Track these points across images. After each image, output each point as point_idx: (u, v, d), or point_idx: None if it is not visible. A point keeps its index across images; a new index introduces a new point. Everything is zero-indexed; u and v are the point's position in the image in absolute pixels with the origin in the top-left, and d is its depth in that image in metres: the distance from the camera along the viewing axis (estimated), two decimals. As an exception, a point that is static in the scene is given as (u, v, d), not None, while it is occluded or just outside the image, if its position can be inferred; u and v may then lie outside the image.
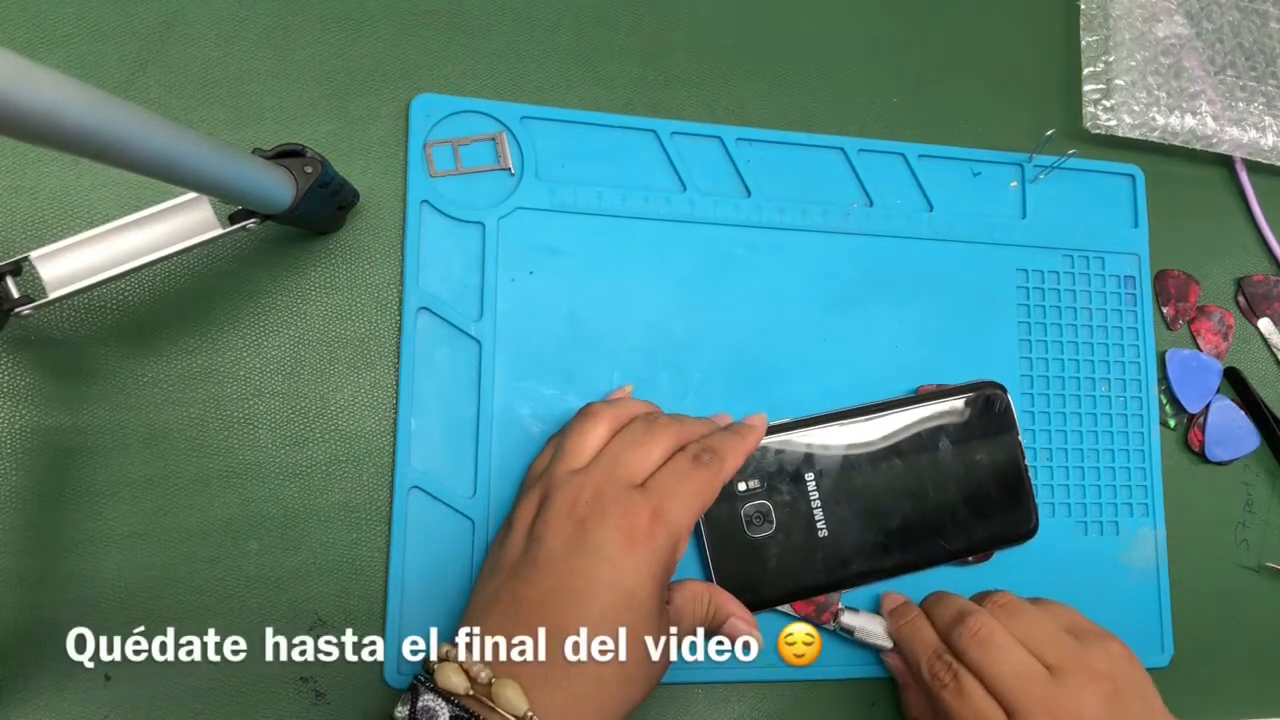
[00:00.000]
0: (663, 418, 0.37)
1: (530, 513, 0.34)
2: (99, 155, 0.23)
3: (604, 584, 0.31)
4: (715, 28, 0.47)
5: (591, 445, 0.36)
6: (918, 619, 0.39)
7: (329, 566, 0.38)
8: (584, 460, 0.35)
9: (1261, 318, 0.50)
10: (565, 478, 0.34)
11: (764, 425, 0.40)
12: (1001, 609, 0.37)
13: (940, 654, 0.37)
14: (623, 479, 0.34)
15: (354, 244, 0.41)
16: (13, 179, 0.39)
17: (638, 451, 0.35)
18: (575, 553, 0.32)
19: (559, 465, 0.35)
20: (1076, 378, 0.46)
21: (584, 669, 0.31)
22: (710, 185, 0.44)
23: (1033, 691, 0.34)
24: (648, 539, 0.32)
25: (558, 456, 0.36)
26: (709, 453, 0.36)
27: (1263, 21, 0.53)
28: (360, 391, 0.40)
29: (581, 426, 0.36)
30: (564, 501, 0.33)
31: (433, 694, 0.30)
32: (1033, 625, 0.37)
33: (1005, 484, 0.42)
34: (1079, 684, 0.35)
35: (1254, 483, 0.49)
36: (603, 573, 0.32)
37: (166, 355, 0.39)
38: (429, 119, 0.42)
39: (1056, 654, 0.35)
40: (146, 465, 0.38)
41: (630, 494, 0.33)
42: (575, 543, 0.32)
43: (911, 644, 0.38)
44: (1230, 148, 0.50)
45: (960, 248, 0.46)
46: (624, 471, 0.34)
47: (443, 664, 0.31)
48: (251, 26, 0.42)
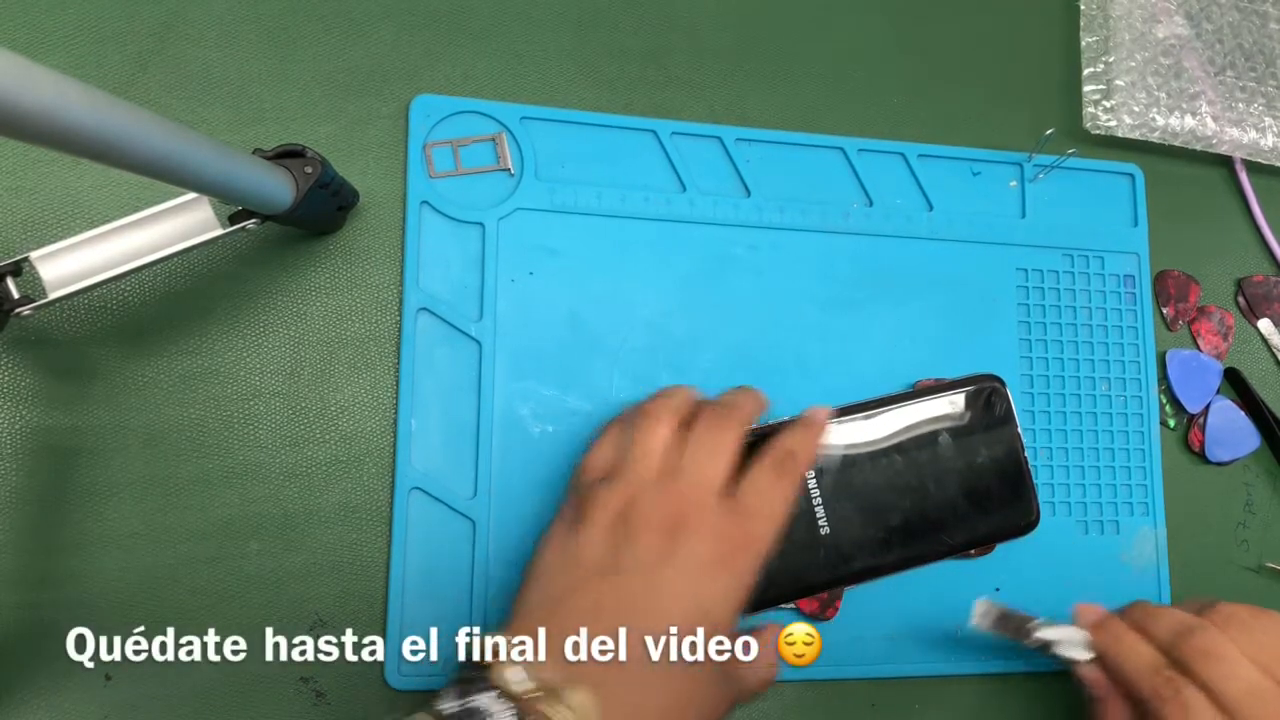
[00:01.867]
0: (722, 412, 0.36)
1: (609, 513, 0.33)
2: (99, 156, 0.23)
3: (688, 600, 0.31)
4: (715, 28, 0.47)
5: (659, 446, 0.35)
6: (1129, 633, 0.38)
7: (329, 567, 0.38)
8: (656, 461, 0.34)
9: (1261, 318, 0.50)
10: (648, 484, 0.34)
11: (826, 418, 0.39)
12: (1229, 622, 0.36)
13: (1161, 669, 0.36)
14: (708, 489, 0.34)
15: (354, 245, 0.41)
16: (13, 179, 0.39)
17: (716, 458, 0.35)
18: (665, 566, 0.32)
19: (635, 467, 0.34)
20: (1076, 377, 0.46)
21: (656, 679, 0.30)
22: (710, 185, 0.44)
23: (1268, 711, 0.33)
24: (736, 563, 0.33)
25: (628, 459, 0.35)
26: (789, 458, 0.36)
27: (1263, 22, 0.53)
28: (360, 392, 0.40)
29: (647, 425, 0.35)
30: (652, 511, 0.33)
31: (489, 694, 0.28)
32: (1264, 642, 0.35)
33: (1006, 477, 0.42)
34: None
35: (1254, 483, 0.49)
36: (688, 589, 0.31)
37: (166, 355, 0.39)
38: (429, 119, 0.42)
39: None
40: (146, 465, 0.38)
41: (720, 513, 0.33)
42: (666, 556, 0.32)
43: (1126, 659, 0.37)
44: (1230, 148, 0.50)
45: (960, 247, 0.46)
46: (708, 481, 0.34)
47: (499, 665, 0.29)
48: (252, 27, 0.42)
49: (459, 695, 0.29)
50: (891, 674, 0.42)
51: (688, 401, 0.37)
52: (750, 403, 0.38)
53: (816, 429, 0.38)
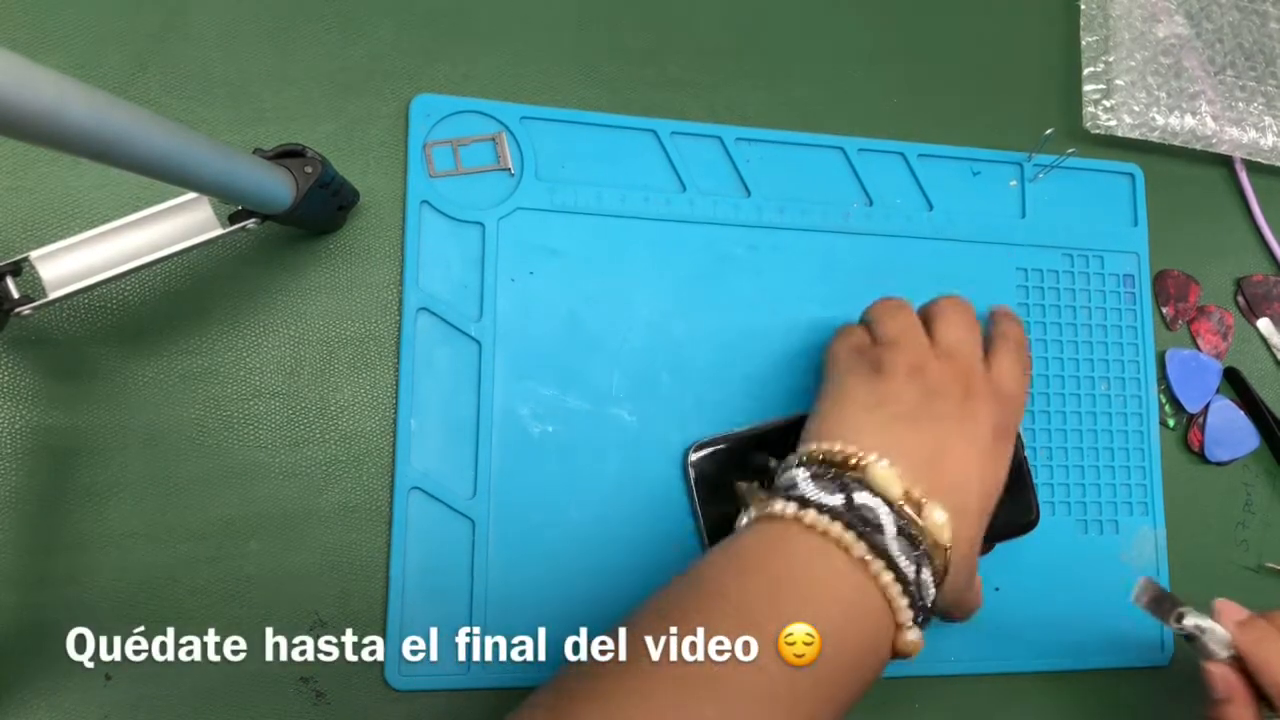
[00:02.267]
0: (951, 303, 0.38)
1: (905, 369, 0.34)
2: (99, 155, 0.23)
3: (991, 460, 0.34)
4: (715, 28, 0.47)
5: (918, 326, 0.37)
6: (1277, 637, 0.36)
7: (329, 566, 0.38)
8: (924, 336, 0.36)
9: (1261, 318, 0.50)
10: (930, 353, 0.35)
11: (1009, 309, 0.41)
12: None
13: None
14: (977, 361, 0.36)
15: (354, 244, 0.41)
16: (13, 179, 0.39)
17: (969, 336, 0.37)
18: (967, 423, 0.33)
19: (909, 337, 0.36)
20: (1076, 377, 0.46)
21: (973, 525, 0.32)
22: (710, 185, 0.44)
23: None
24: (1004, 448, 0.35)
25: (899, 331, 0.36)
26: (1021, 346, 0.38)
27: (1263, 21, 0.53)
28: (360, 392, 0.40)
29: (892, 312, 0.37)
30: (943, 373, 0.34)
31: (869, 493, 0.30)
32: None
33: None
34: None
35: (1254, 483, 0.49)
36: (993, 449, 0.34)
37: (166, 355, 0.39)
38: (429, 119, 0.42)
39: None
40: (146, 465, 0.38)
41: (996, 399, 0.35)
42: (964, 413, 0.34)
43: (1271, 663, 0.36)
44: (1230, 148, 0.50)
45: (960, 247, 0.46)
46: (975, 355, 0.36)
47: (872, 465, 0.31)
48: (252, 27, 0.42)
49: (838, 489, 0.30)
50: (892, 674, 0.42)
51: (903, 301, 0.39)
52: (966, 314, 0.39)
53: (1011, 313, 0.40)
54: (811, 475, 0.31)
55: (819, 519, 0.29)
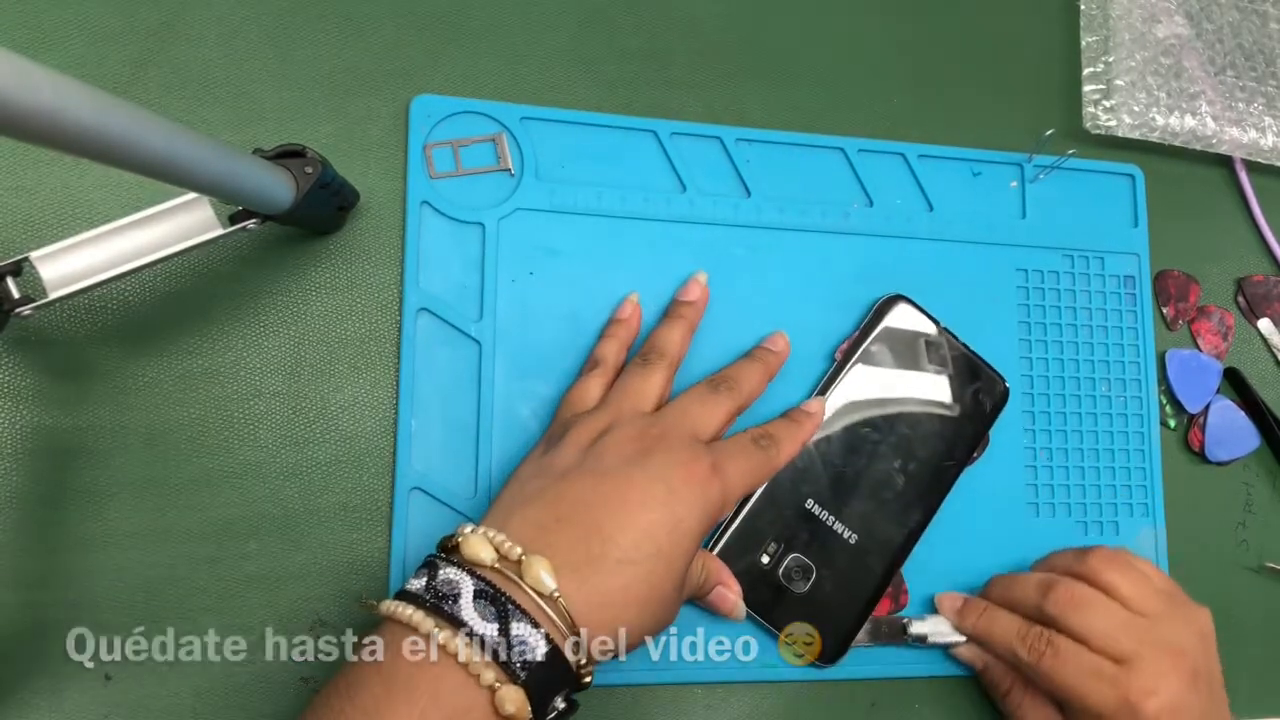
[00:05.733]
0: (722, 385, 0.38)
1: (588, 435, 0.35)
2: (100, 155, 0.23)
3: (657, 503, 0.32)
4: (715, 28, 0.47)
5: (654, 392, 0.37)
6: (990, 608, 0.40)
7: (329, 566, 0.38)
8: (648, 404, 0.37)
9: (1261, 318, 0.50)
10: (633, 416, 0.35)
11: (821, 411, 0.41)
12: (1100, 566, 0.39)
13: (1026, 630, 0.38)
14: (689, 430, 0.36)
15: (354, 245, 0.41)
16: (13, 179, 0.39)
17: (706, 410, 0.37)
18: (635, 469, 0.33)
19: (624, 402, 0.36)
20: (1076, 378, 0.46)
21: (615, 572, 0.31)
22: (710, 185, 0.44)
23: (1137, 635, 0.37)
24: (706, 486, 0.34)
25: (620, 394, 0.37)
26: (768, 439, 0.38)
27: (1263, 22, 0.53)
28: (360, 392, 0.40)
29: (644, 373, 0.38)
30: (631, 431, 0.34)
31: (455, 567, 0.30)
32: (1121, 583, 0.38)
33: (960, 372, 0.43)
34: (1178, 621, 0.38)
35: (1254, 483, 0.49)
36: (658, 492, 0.32)
37: (167, 355, 0.39)
38: (429, 120, 0.42)
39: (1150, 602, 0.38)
40: (146, 465, 0.38)
41: (695, 444, 0.35)
42: (638, 463, 0.33)
43: (993, 631, 0.40)
44: (1230, 148, 0.50)
45: (960, 248, 0.46)
46: (690, 425, 0.36)
47: (468, 536, 0.30)
48: (252, 27, 0.42)
49: (427, 574, 0.30)
50: (892, 674, 0.42)
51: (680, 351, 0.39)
52: (754, 380, 0.39)
53: (806, 422, 0.40)
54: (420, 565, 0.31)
55: (395, 607, 0.29)
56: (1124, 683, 0.36)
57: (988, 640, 0.40)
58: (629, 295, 0.41)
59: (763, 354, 0.41)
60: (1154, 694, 0.35)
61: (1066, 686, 0.37)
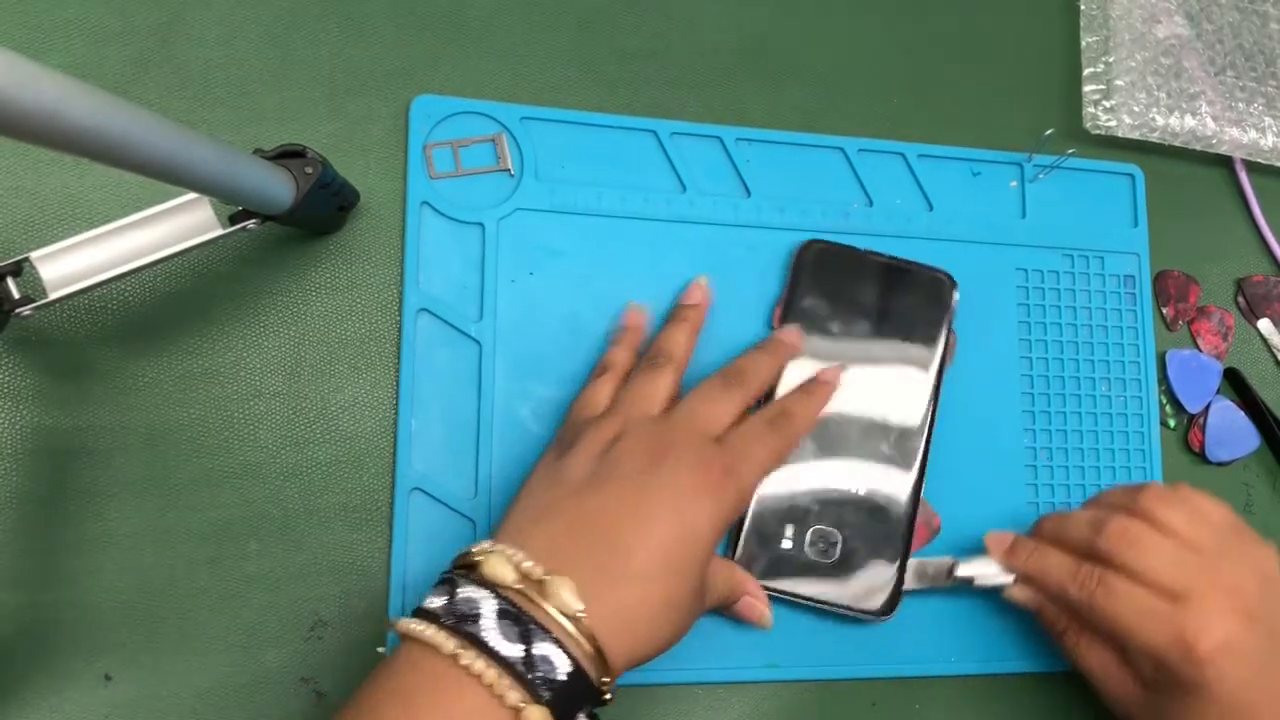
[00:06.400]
0: (733, 379, 0.38)
1: (599, 444, 0.34)
2: (100, 156, 0.23)
3: (671, 512, 0.32)
4: (715, 28, 0.47)
5: (662, 394, 0.37)
6: (1040, 546, 0.39)
7: (329, 567, 0.38)
8: (656, 407, 0.36)
9: (1261, 318, 0.50)
10: (642, 421, 0.35)
11: (837, 380, 0.41)
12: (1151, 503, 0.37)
13: (1077, 568, 0.37)
14: (699, 431, 0.35)
15: (354, 245, 0.41)
16: (14, 180, 0.39)
17: (715, 407, 0.36)
18: (649, 479, 0.32)
19: (632, 408, 0.36)
20: (1076, 378, 0.46)
21: (633, 586, 0.30)
22: (710, 185, 0.44)
23: (1192, 572, 0.35)
24: (719, 490, 0.33)
25: (628, 397, 0.37)
26: (783, 416, 0.38)
27: (1263, 22, 0.53)
28: (360, 392, 0.40)
29: (651, 375, 0.37)
30: (641, 439, 0.34)
31: (475, 585, 0.29)
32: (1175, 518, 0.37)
33: (898, 284, 0.43)
34: (1237, 559, 0.36)
35: (1254, 483, 0.49)
36: (671, 501, 0.32)
37: (167, 356, 0.39)
38: (429, 120, 0.42)
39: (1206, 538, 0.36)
40: (146, 465, 0.38)
41: (707, 446, 0.34)
42: (650, 471, 0.33)
43: (1044, 569, 0.38)
44: (1230, 148, 0.50)
45: (960, 247, 0.46)
46: (701, 425, 0.35)
47: (489, 554, 0.30)
48: (252, 27, 0.42)
49: (447, 592, 0.29)
50: (891, 674, 0.42)
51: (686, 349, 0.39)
52: (765, 371, 0.39)
53: (821, 391, 0.40)
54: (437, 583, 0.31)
55: (415, 626, 0.29)
56: (1178, 620, 0.34)
57: (1039, 579, 0.39)
58: (634, 304, 0.41)
59: (772, 345, 0.41)
60: (1207, 631, 0.34)
61: (1119, 625, 0.36)
